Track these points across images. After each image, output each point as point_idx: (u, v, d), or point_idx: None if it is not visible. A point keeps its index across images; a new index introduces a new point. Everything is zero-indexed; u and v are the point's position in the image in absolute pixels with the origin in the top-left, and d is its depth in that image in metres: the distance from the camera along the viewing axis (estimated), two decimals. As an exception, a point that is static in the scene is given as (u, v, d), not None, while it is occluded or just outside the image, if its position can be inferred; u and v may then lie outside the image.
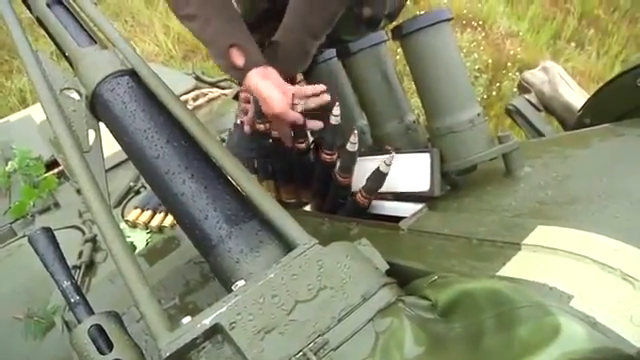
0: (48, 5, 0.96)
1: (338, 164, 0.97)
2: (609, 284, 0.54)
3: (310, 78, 1.18)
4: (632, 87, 0.99)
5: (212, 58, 1.08)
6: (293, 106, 1.00)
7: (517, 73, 3.49)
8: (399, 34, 0.92)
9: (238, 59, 1.00)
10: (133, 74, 0.88)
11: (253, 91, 1.02)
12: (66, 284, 0.68)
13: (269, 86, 0.99)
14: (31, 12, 1.01)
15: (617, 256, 0.56)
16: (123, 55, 0.90)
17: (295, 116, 1.00)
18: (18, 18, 0.96)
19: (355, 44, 1.05)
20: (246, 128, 1.17)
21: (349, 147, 0.90)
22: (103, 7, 4.10)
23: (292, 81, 1.12)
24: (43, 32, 1.02)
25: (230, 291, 0.59)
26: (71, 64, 0.95)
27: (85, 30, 0.95)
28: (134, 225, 1.61)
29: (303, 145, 1.07)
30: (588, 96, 1.26)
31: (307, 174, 1.11)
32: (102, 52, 0.91)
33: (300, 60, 1.09)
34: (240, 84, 1.07)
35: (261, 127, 1.10)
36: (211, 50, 1.05)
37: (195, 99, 2.24)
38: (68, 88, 0.93)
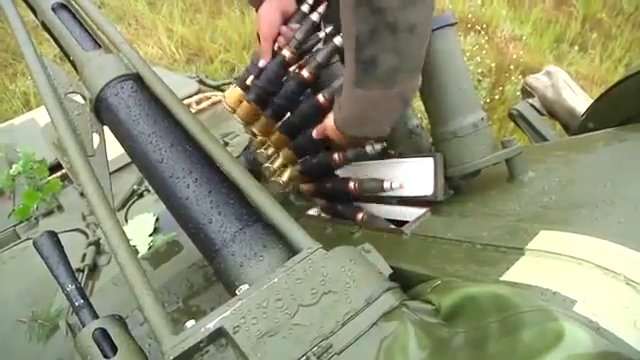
0: (53, 9, 0.96)
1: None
2: (613, 289, 0.53)
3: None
4: (636, 92, 0.99)
5: None
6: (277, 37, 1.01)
7: (520, 77, 3.49)
8: (402, 39, 0.92)
9: None
10: (137, 78, 0.88)
11: (259, 14, 1.01)
12: (70, 288, 0.68)
13: (270, 11, 1.00)
14: (36, 16, 1.01)
15: (621, 261, 0.56)
16: (127, 59, 0.91)
17: (266, 50, 1.02)
18: (24, 22, 0.97)
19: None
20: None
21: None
22: (106, 10, 4.11)
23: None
24: (47, 36, 1.02)
25: (234, 295, 0.59)
26: (76, 68, 0.95)
27: (89, 34, 0.96)
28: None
29: (307, 75, 0.97)
30: (592, 101, 1.26)
31: (288, 108, 1.05)
32: (106, 56, 0.92)
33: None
34: (255, 8, 1.03)
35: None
36: None
37: (198, 103, 2.24)
38: (73, 92, 0.94)
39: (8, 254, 1.60)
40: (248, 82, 1.05)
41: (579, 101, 1.60)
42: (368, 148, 0.91)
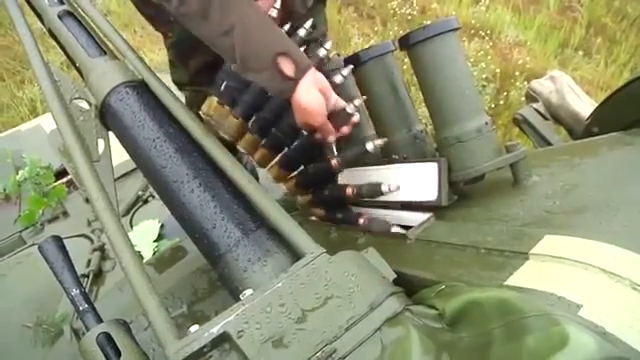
0: (59, 17, 0.97)
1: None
2: (618, 293, 0.53)
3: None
4: (640, 96, 0.99)
5: (247, 73, 0.89)
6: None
7: (525, 82, 3.48)
8: (406, 44, 0.92)
9: (288, 68, 0.85)
10: (142, 84, 0.89)
11: (302, 104, 0.87)
12: (75, 292, 0.69)
13: (316, 99, 0.88)
14: (43, 23, 1.02)
15: (626, 265, 0.56)
16: (132, 66, 0.91)
17: (329, 130, 0.92)
18: (31, 30, 0.98)
19: (363, 54, 1.05)
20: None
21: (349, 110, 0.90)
22: (113, 17, 4.14)
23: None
24: (54, 43, 1.03)
25: (238, 300, 0.59)
26: (81, 74, 0.96)
27: (95, 41, 0.96)
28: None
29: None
30: (596, 105, 1.26)
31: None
32: (112, 62, 0.92)
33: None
34: (287, 96, 0.88)
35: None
36: (250, 64, 0.87)
37: (203, 109, 2.25)
38: (78, 98, 0.94)
39: (14, 260, 1.61)
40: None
41: (583, 106, 1.60)
42: (369, 146, 0.91)
